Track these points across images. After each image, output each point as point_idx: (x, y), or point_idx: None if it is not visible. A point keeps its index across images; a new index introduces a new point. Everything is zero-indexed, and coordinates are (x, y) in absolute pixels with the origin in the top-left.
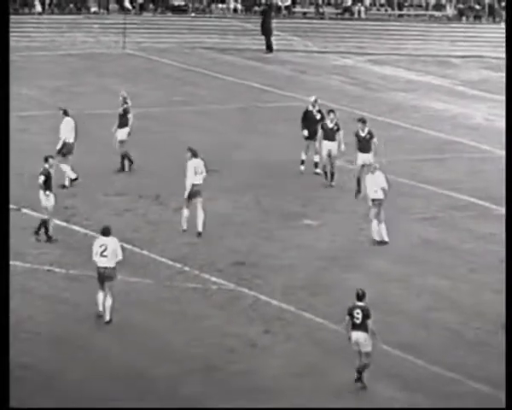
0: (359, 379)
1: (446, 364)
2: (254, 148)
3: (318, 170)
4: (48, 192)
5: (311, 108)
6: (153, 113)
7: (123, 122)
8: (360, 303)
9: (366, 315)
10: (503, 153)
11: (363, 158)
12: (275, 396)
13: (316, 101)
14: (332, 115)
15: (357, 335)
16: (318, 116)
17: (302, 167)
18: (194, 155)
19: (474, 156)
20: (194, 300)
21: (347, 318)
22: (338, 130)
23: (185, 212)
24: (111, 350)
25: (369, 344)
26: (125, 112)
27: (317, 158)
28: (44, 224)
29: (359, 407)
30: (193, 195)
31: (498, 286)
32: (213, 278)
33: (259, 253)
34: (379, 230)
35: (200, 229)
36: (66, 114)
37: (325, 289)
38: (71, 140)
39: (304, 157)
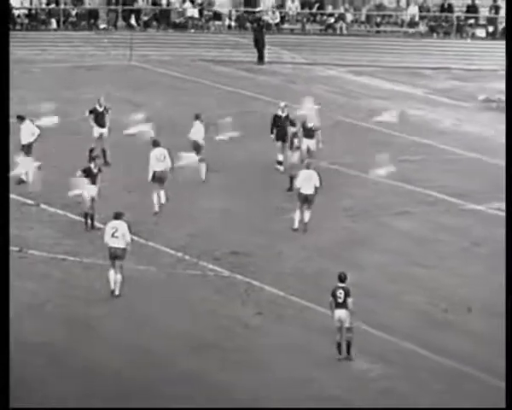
0: (348, 352)
1: (416, 341)
2: (249, 150)
3: (280, 166)
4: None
5: (280, 112)
6: (155, 118)
7: (103, 122)
8: (342, 284)
9: (347, 294)
10: (470, 154)
11: (307, 143)
12: (265, 369)
13: (285, 106)
14: (312, 123)
15: (339, 312)
16: (286, 121)
17: (281, 167)
18: (157, 145)
19: (443, 157)
20: (193, 285)
21: (331, 298)
22: (316, 129)
23: (155, 196)
24: (119, 329)
25: (348, 320)
26: (105, 112)
27: (280, 157)
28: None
29: (359, 407)
30: (157, 180)
31: (464, 272)
32: (210, 266)
33: (252, 243)
34: (302, 219)
35: (162, 201)
36: (22, 119)
37: (311, 276)
38: (30, 140)
39: (280, 158)
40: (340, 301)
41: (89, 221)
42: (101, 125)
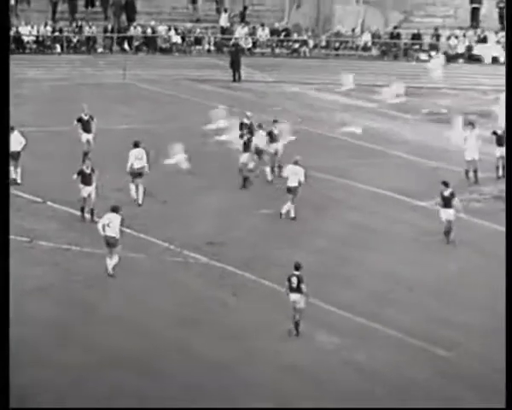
0: (296, 329)
1: (369, 316)
2: (226, 155)
3: (251, 166)
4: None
5: (245, 120)
6: (145, 128)
7: (89, 128)
8: (296, 272)
9: (300, 281)
10: (416, 159)
11: (274, 147)
12: (239, 342)
13: (250, 116)
14: (277, 124)
15: (294, 296)
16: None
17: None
18: (137, 145)
19: (394, 161)
20: (177, 270)
21: (287, 283)
22: (281, 134)
23: (132, 188)
24: (114, 307)
25: (302, 303)
26: (90, 119)
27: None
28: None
29: (360, 407)
30: (135, 175)
31: (411, 258)
32: (192, 254)
33: (227, 235)
34: (289, 210)
35: (140, 202)
36: (12, 129)
37: (277, 261)
38: (18, 149)
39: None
40: (294, 286)
41: (85, 215)
42: (88, 132)
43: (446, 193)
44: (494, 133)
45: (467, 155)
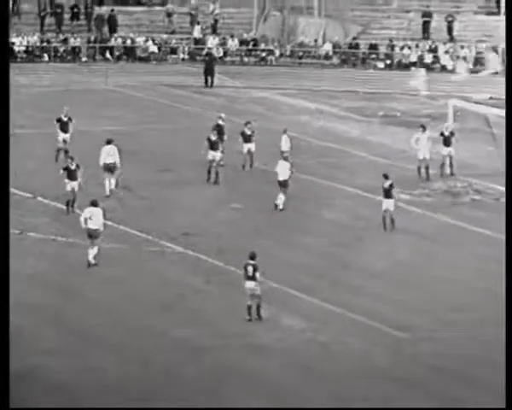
0: (251, 313)
1: (333, 302)
2: (199, 153)
3: (222, 162)
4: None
5: (220, 122)
6: (126, 130)
7: (66, 128)
8: (252, 261)
9: (255, 269)
10: (372, 157)
11: (247, 146)
12: (211, 325)
13: (223, 118)
14: (249, 125)
15: (249, 283)
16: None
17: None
18: (109, 142)
19: (353, 160)
20: (155, 259)
21: (243, 271)
22: (253, 135)
23: (106, 182)
24: (97, 292)
25: (258, 289)
26: (69, 121)
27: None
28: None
29: (360, 408)
30: (107, 170)
31: (369, 249)
32: (168, 244)
33: (200, 226)
34: (281, 200)
35: (107, 193)
36: None
37: (246, 251)
38: None
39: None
40: (250, 274)
41: (70, 208)
42: (65, 131)
43: (386, 185)
44: (441, 134)
45: (419, 154)
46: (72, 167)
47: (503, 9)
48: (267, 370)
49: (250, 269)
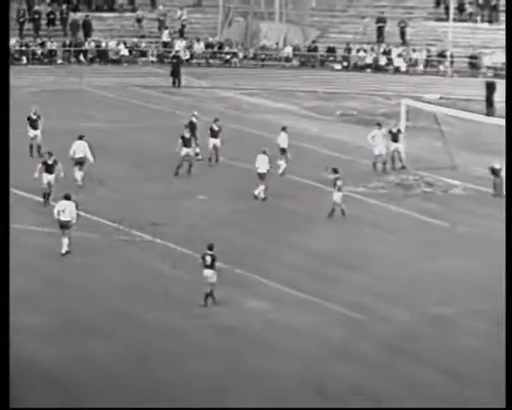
0: (208, 299)
1: (293, 286)
2: (167, 149)
3: (199, 156)
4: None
5: (194, 119)
6: (98, 127)
7: (36, 125)
8: (210, 252)
9: (213, 259)
10: (330, 153)
11: (213, 142)
12: (178, 307)
13: (196, 116)
14: (218, 122)
15: (206, 272)
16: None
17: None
18: (80, 138)
19: (312, 155)
20: (125, 247)
21: (201, 260)
22: (220, 131)
23: (77, 174)
24: (72, 278)
25: (215, 278)
26: (38, 118)
27: (197, 149)
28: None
29: (360, 408)
30: (78, 163)
31: (329, 237)
32: (138, 233)
33: (169, 216)
34: (261, 190)
35: (80, 183)
36: None
37: (211, 239)
38: None
39: (198, 150)
40: (208, 263)
41: (46, 200)
42: (35, 128)
43: (332, 177)
44: (389, 132)
45: (375, 150)
46: (50, 162)
47: (451, 16)
48: (232, 348)
49: (208, 259)
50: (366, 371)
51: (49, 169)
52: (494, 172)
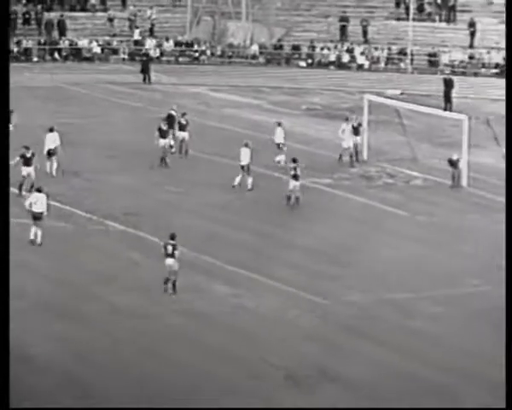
0: (169, 288)
1: (256, 270)
2: (139, 142)
3: (173, 149)
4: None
5: (173, 112)
6: (72, 122)
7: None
8: (171, 241)
9: (175, 248)
10: (297, 145)
11: (182, 135)
12: (149, 292)
13: (175, 109)
14: (186, 116)
15: (168, 260)
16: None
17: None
18: (51, 130)
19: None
20: (100, 237)
21: (163, 250)
22: (188, 125)
23: (48, 164)
24: (47, 266)
25: (176, 266)
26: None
27: (172, 142)
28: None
29: (361, 408)
30: (50, 154)
31: (296, 226)
32: (112, 223)
33: (141, 206)
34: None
35: (54, 174)
36: None
37: (181, 228)
38: None
39: (172, 142)
40: (170, 252)
41: (23, 192)
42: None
43: (291, 166)
44: (352, 126)
45: (344, 143)
46: (28, 155)
47: (411, 15)
48: (199, 332)
49: (170, 248)
50: (331, 354)
51: (27, 162)
52: (452, 163)
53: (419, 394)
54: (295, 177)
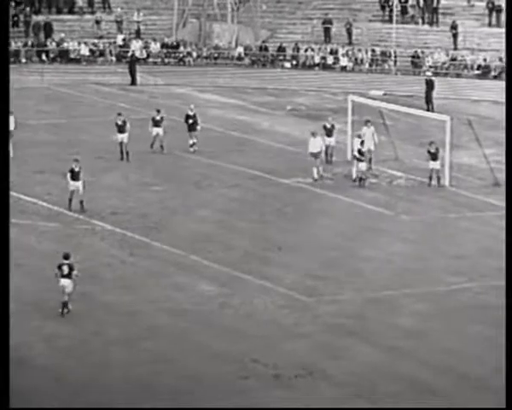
0: (65, 308)
1: (240, 269)
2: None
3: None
4: None
5: (190, 112)
6: (60, 123)
7: None
8: (66, 261)
9: (71, 269)
10: (279, 145)
11: (156, 130)
12: (135, 291)
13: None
14: (160, 113)
15: (63, 281)
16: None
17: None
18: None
19: (261, 147)
20: (86, 235)
21: (58, 271)
22: (162, 121)
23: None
24: (34, 264)
25: (71, 287)
26: None
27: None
28: None
29: (360, 407)
30: None
31: (278, 224)
32: (98, 222)
33: (127, 207)
34: None
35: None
36: None
37: (166, 227)
38: None
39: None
40: (65, 273)
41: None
42: None
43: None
44: (324, 127)
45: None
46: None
47: (395, 18)
48: (185, 329)
49: (65, 268)
50: (319, 352)
51: None
52: (431, 154)
53: (405, 391)
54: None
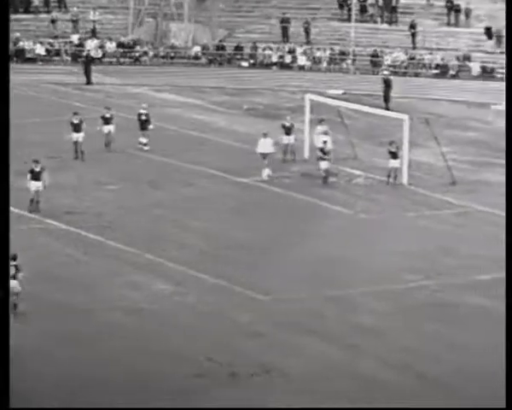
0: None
1: (196, 268)
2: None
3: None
4: None
5: (142, 111)
6: (14, 122)
7: None
8: (13, 262)
9: (18, 270)
10: (236, 144)
11: (108, 128)
12: (92, 290)
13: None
14: (110, 110)
15: (12, 282)
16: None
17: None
18: None
19: (217, 147)
20: (42, 235)
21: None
22: (112, 118)
23: None
24: None
25: (19, 287)
26: None
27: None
28: None
29: (359, 408)
30: None
31: (235, 222)
32: (53, 222)
33: (82, 206)
34: None
35: None
36: None
37: (120, 226)
38: None
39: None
40: (11, 274)
41: None
42: None
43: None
44: (283, 126)
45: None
46: None
47: (353, 17)
48: (146, 330)
49: (12, 269)
50: (274, 350)
51: None
52: (392, 154)
53: (363, 389)
54: None
